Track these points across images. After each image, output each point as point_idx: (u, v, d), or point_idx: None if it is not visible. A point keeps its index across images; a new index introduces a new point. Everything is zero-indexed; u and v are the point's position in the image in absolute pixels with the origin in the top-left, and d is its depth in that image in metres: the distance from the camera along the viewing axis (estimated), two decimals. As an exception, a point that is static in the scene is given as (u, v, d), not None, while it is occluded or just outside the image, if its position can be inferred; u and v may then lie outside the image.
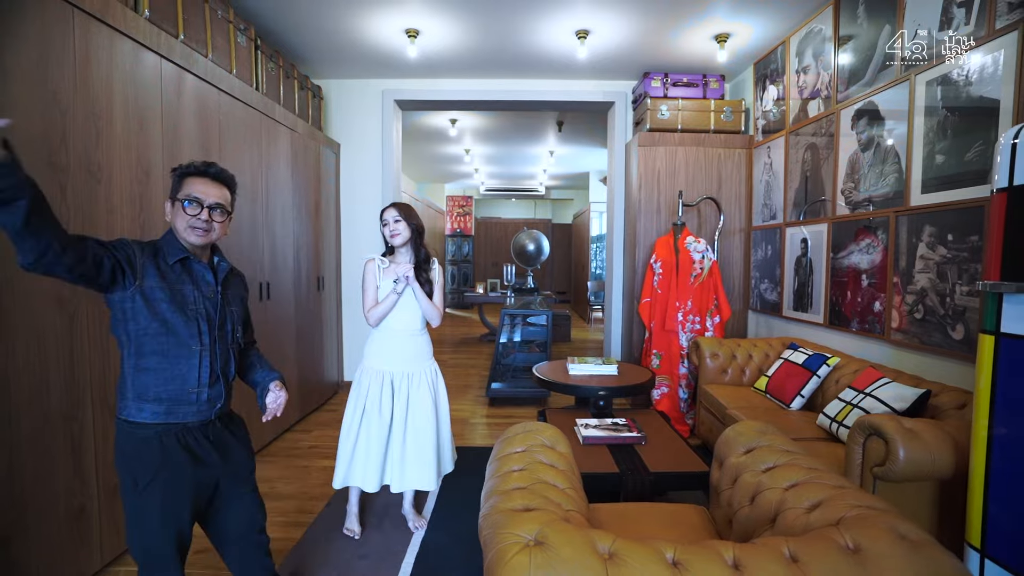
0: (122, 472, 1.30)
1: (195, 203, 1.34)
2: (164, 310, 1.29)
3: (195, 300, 1.35)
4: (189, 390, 1.33)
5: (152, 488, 1.28)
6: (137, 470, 1.28)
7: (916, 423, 1.65)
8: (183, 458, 1.32)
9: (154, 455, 1.28)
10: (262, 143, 3.09)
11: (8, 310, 1.57)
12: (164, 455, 1.29)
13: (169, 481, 1.30)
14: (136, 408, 1.29)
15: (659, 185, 3.81)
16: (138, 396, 1.28)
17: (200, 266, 1.39)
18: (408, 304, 2.09)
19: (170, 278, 1.32)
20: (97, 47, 1.88)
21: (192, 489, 1.34)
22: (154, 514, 1.29)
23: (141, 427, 1.29)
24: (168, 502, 1.30)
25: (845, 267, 2.77)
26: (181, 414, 1.32)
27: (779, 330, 3.46)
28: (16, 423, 1.60)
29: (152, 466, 1.28)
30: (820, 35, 3.01)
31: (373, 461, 2.04)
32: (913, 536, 0.98)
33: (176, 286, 1.32)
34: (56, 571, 1.73)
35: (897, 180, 2.42)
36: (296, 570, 1.96)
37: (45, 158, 1.69)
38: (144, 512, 1.29)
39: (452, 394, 4.46)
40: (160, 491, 1.29)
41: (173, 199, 1.36)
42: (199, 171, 1.38)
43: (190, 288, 1.35)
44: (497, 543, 0.97)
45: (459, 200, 10.99)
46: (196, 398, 1.34)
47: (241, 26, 2.92)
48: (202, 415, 1.36)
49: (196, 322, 1.34)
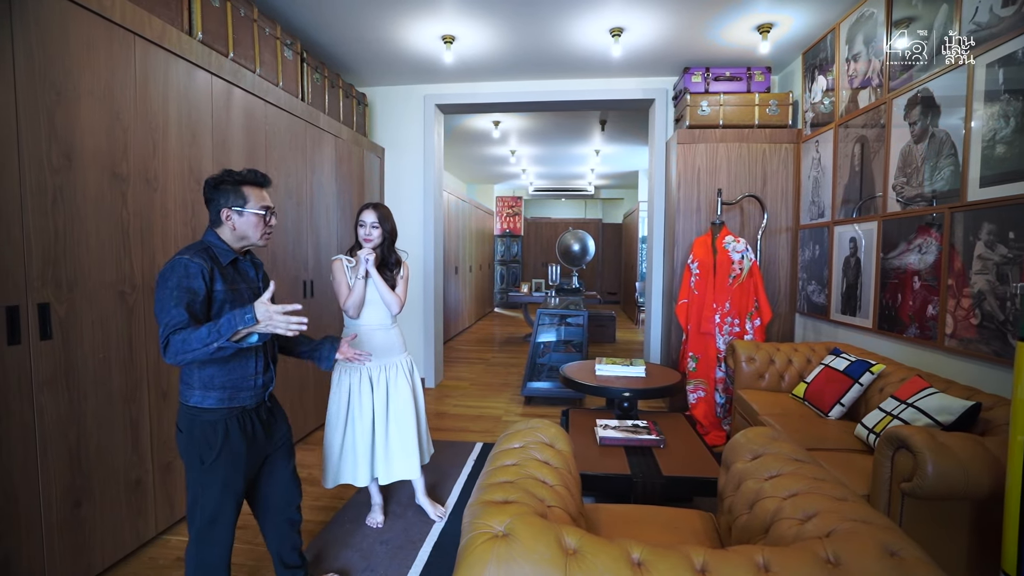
0: (188, 452, 1.46)
1: (269, 211, 1.52)
2: (229, 309, 1.43)
3: (248, 296, 1.51)
4: (248, 377, 1.50)
5: (216, 465, 1.45)
6: (203, 450, 1.44)
7: (951, 437, 1.53)
8: (241, 437, 1.49)
9: (218, 436, 1.45)
10: (307, 150, 3.29)
11: (78, 302, 1.78)
12: (226, 436, 1.46)
13: (230, 458, 1.46)
14: (202, 396, 1.44)
15: (699, 183, 3.69)
16: (204, 385, 1.44)
17: (245, 264, 1.56)
18: (376, 300, 2.15)
19: (229, 278, 1.47)
20: (155, 69, 2.09)
21: (246, 464, 1.52)
22: (216, 487, 1.46)
23: (207, 412, 1.45)
24: (229, 477, 1.47)
25: (895, 268, 2.58)
26: (241, 399, 1.49)
27: (827, 334, 3.26)
28: (84, 401, 1.82)
29: (216, 446, 1.44)
30: (872, 19, 2.82)
31: (361, 456, 2.11)
32: (906, 555, 0.93)
33: (233, 285, 1.49)
34: (117, 534, 1.96)
35: (953, 174, 2.23)
36: (321, 551, 2.09)
37: (110, 169, 1.90)
38: (209, 486, 1.45)
39: (490, 391, 4.54)
40: (223, 467, 1.45)
41: (240, 209, 1.47)
42: (256, 181, 1.51)
43: (243, 286, 1.52)
44: (469, 532, 1.01)
45: (508, 201, 11.10)
46: (254, 384, 1.52)
47: (288, 41, 3.12)
48: (257, 398, 1.54)
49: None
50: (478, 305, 9.15)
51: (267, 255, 2.85)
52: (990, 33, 2.04)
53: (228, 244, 1.50)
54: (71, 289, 1.76)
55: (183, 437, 1.46)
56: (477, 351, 6.45)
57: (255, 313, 1.31)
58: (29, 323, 1.62)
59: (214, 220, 1.50)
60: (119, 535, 1.96)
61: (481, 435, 3.43)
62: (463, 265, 7.90)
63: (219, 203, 1.48)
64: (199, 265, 1.39)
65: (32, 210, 1.62)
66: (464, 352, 6.36)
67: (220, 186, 1.48)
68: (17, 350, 1.59)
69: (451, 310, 7.01)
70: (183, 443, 1.46)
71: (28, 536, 1.63)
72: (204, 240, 1.50)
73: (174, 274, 1.36)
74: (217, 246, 1.48)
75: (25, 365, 1.61)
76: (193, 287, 1.36)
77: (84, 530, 1.82)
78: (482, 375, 5.14)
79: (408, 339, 4.34)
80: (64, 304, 1.73)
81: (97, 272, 1.86)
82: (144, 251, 2.05)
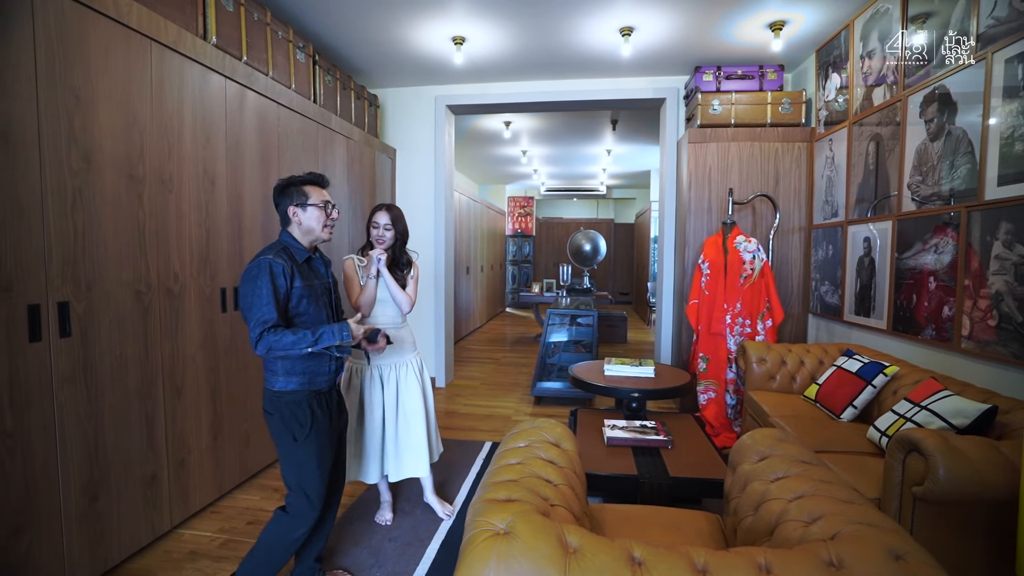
0: (279, 433, 1.61)
1: (330, 204, 1.68)
2: (305, 304, 1.60)
3: (320, 290, 1.68)
4: (324, 363, 1.66)
5: (309, 440, 1.62)
6: (295, 428, 1.60)
7: (964, 440, 1.50)
8: (324, 415, 1.67)
9: (306, 414, 1.62)
10: (319, 151, 3.33)
11: (96, 301, 1.83)
12: (312, 414, 1.63)
13: (320, 432, 1.64)
14: (285, 380, 1.60)
15: (710, 183, 3.66)
16: (287, 372, 1.60)
17: (317, 261, 1.71)
18: (387, 299, 2.17)
19: (305, 275, 1.63)
20: (170, 73, 2.14)
21: (333, 438, 1.72)
22: (313, 461, 1.63)
23: (290, 395, 1.61)
24: (323, 450, 1.65)
25: (910, 268, 2.53)
26: (318, 383, 1.66)
27: (840, 335, 3.21)
28: (101, 397, 1.87)
29: (306, 423, 1.61)
30: (887, 15, 2.77)
31: (371, 453, 2.15)
32: (911, 559, 0.92)
33: (309, 281, 1.64)
34: (133, 527, 2.00)
35: (970, 172, 2.19)
36: (331, 547, 2.11)
37: (127, 172, 1.95)
38: (306, 461, 1.62)
39: (501, 391, 4.55)
40: (316, 441, 1.63)
41: (304, 204, 1.64)
42: (316, 181, 1.69)
43: (317, 282, 1.68)
44: (471, 530, 1.02)
45: (520, 201, 11.10)
46: (328, 369, 1.68)
47: (300, 44, 3.17)
48: (330, 382, 1.72)
49: (323, 308, 1.68)
50: (489, 305, 9.17)
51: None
52: (1009, 28, 2.00)
53: (300, 242, 1.65)
54: (89, 288, 1.80)
55: (274, 419, 1.62)
56: (488, 351, 6.46)
57: (350, 331, 1.60)
58: (49, 321, 1.67)
59: (284, 220, 1.66)
60: (135, 528, 2.01)
61: (491, 434, 3.45)
62: (474, 265, 7.92)
63: (286, 204, 1.64)
64: (281, 265, 1.54)
65: (52, 211, 1.67)
66: (475, 352, 6.38)
67: (286, 189, 1.65)
68: (38, 347, 1.64)
69: (462, 310, 7.03)
70: (274, 425, 1.62)
71: (48, 528, 1.68)
72: (281, 240, 1.65)
73: (262, 273, 1.51)
74: (292, 245, 1.64)
75: (46, 362, 1.66)
76: (278, 285, 1.52)
77: (101, 523, 1.87)
78: (492, 375, 5.15)
79: (419, 339, 4.37)
80: (83, 303, 1.78)
81: (114, 271, 1.90)
82: (159, 251, 2.09)
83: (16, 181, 1.56)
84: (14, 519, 1.57)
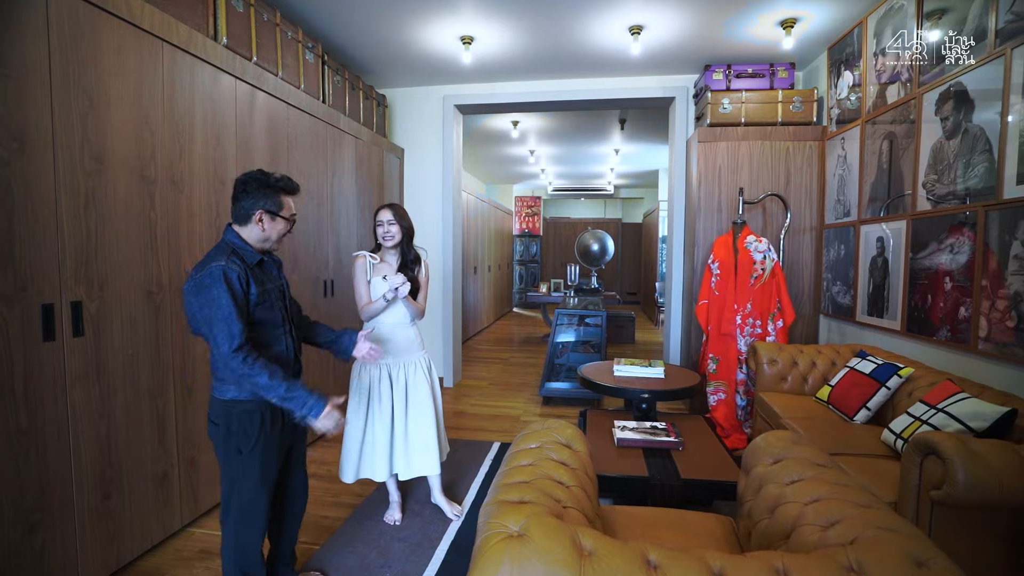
0: (225, 444, 1.51)
1: (294, 219, 1.62)
2: (261, 311, 1.52)
3: (275, 295, 1.58)
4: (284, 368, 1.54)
5: (254, 454, 1.52)
6: (241, 440, 1.50)
7: (983, 444, 1.47)
8: (274, 427, 1.56)
9: (255, 426, 1.51)
10: (328, 151, 3.34)
11: (108, 300, 1.84)
12: (262, 425, 1.52)
13: (267, 447, 1.54)
14: (238, 389, 1.49)
15: (720, 182, 3.63)
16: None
17: (268, 264, 1.61)
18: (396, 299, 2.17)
19: (259, 279, 1.52)
20: (181, 73, 2.15)
21: (278, 452, 1.60)
22: (255, 475, 1.53)
23: (243, 403, 1.50)
24: (267, 465, 1.55)
25: (925, 268, 2.50)
26: None
27: (852, 336, 3.17)
28: (113, 396, 1.88)
29: (254, 435, 1.51)
30: (902, 12, 2.73)
31: (380, 451, 2.14)
32: (934, 565, 0.90)
33: (263, 286, 1.53)
34: (145, 526, 2.01)
35: (988, 170, 2.15)
36: (340, 546, 2.11)
37: (138, 172, 1.96)
38: (247, 475, 1.52)
39: (508, 391, 4.54)
40: (261, 456, 1.53)
41: (274, 213, 1.53)
42: (292, 190, 1.60)
43: (271, 286, 1.57)
44: (484, 532, 1.01)
45: (527, 200, 11.09)
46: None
47: (309, 44, 3.17)
48: None
49: (279, 312, 1.57)
50: (496, 305, 9.16)
51: (288, 255, 2.90)
52: (1028, 24, 1.96)
53: (252, 245, 1.54)
54: (102, 288, 1.81)
55: (219, 430, 1.51)
56: (495, 351, 6.46)
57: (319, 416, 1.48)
58: (63, 320, 1.68)
59: (241, 219, 1.52)
60: (147, 526, 2.02)
61: (499, 435, 3.44)
62: (482, 265, 7.92)
63: (254, 203, 1.50)
64: (236, 271, 1.44)
65: (66, 212, 1.68)
66: (482, 352, 6.38)
67: (260, 188, 1.51)
68: (52, 346, 1.65)
69: (469, 310, 7.03)
70: (220, 436, 1.51)
71: (62, 526, 1.69)
72: (228, 241, 1.52)
73: (216, 282, 1.39)
74: (242, 248, 1.51)
75: (59, 361, 1.67)
76: (235, 292, 1.42)
77: (114, 521, 1.88)
78: (500, 375, 5.15)
79: (427, 338, 4.37)
80: (95, 302, 1.79)
81: (126, 272, 1.92)
82: (170, 252, 2.10)
83: (31, 183, 1.58)
84: (29, 516, 1.59)
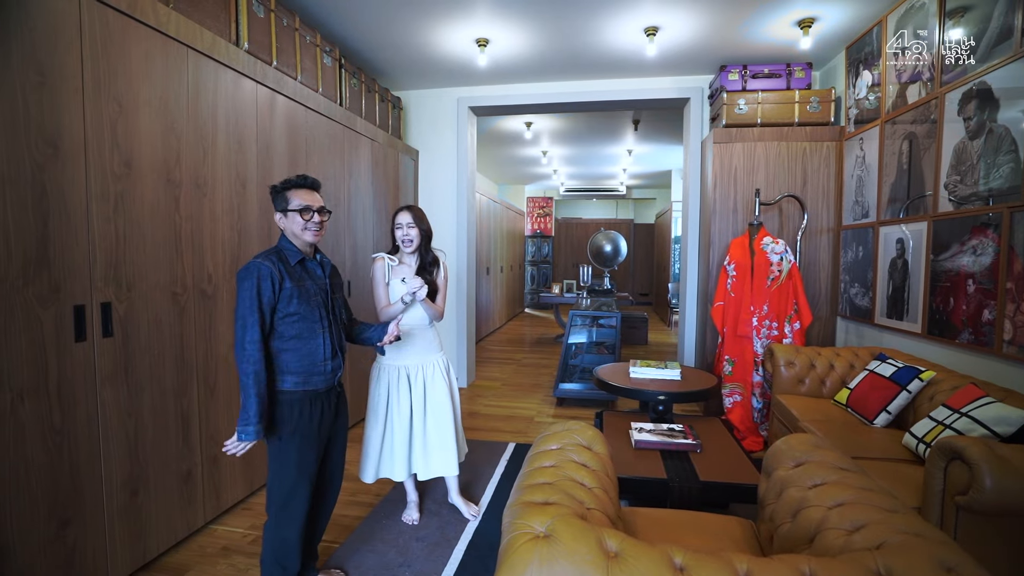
0: (267, 433, 1.60)
1: (308, 209, 1.64)
2: (296, 304, 1.61)
3: (314, 292, 1.68)
4: (318, 363, 1.67)
5: (291, 441, 1.62)
6: (281, 428, 1.61)
7: (1012, 449, 1.46)
8: (314, 416, 1.66)
9: (294, 415, 1.62)
10: (345, 154, 3.38)
11: (136, 302, 1.89)
12: (300, 414, 1.63)
13: (302, 436, 1.64)
14: (280, 380, 1.62)
15: (736, 183, 3.61)
16: (281, 371, 1.62)
17: (312, 264, 1.72)
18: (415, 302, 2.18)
19: (296, 276, 1.64)
20: (205, 79, 2.19)
21: (317, 443, 1.69)
22: (292, 465, 1.63)
23: (284, 394, 1.62)
24: (303, 454, 1.64)
25: (947, 270, 2.46)
26: (314, 383, 1.67)
27: (871, 339, 3.14)
28: (140, 395, 1.92)
29: (292, 423, 1.62)
30: (923, 10, 2.70)
31: (399, 452, 2.16)
32: (963, 571, 0.90)
33: (301, 283, 1.64)
34: (170, 522, 2.06)
35: (1013, 171, 2.12)
36: (358, 545, 2.14)
37: (164, 176, 2.00)
38: (285, 463, 1.63)
39: (522, 392, 4.55)
40: (296, 444, 1.63)
41: (285, 210, 1.65)
42: (299, 184, 1.68)
43: (310, 283, 1.67)
44: (510, 532, 1.02)
45: (539, 201, 11.09)
46: (323, 369, 1.68)
47: (327, 48, 3.21)
48: (328, 383, 1.71)
49: (316, 308, 1.67)
50: (509, 305, 9.18)
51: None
52: (1054, 23, 1.93)
53: (294, 245, 1.67)
54: (130, 289, 1.86)
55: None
56: (508, 351, 6.47)
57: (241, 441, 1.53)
58: (93, 321, 1.72)
59: (279, 224, 1.69)
60: (172, 523, 2.06)
61: (514, 435, 3.45)
62: (494, 266, 7.94)
63: (275, 209, 1.67)
64: (269, 268, 1.57)
65: (96, 215, 1.73)
66: (495, 352, 6.40)
67: (272, 194, 1.68)
68: (83, 346, 1.69)
69: (482, 310, 7.06)
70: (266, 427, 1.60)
71: (93, 522, 1.73)
72: (278, 244, 1.68)
73: (248, 275, 1.55)
74: (286, 248, 1.67)
75: (90, 361, 1.72)
76: (262, 287, 1.55)
77: (141, 518, 1.92)
78: (514, 375, 5.16)
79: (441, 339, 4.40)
80: (124, 303, 1.83)
81: (153, 273, 1.96)
82: (194, 254, 2.15)
83: (64, 187, 1.62)
84: (63, 512, 1.63)
